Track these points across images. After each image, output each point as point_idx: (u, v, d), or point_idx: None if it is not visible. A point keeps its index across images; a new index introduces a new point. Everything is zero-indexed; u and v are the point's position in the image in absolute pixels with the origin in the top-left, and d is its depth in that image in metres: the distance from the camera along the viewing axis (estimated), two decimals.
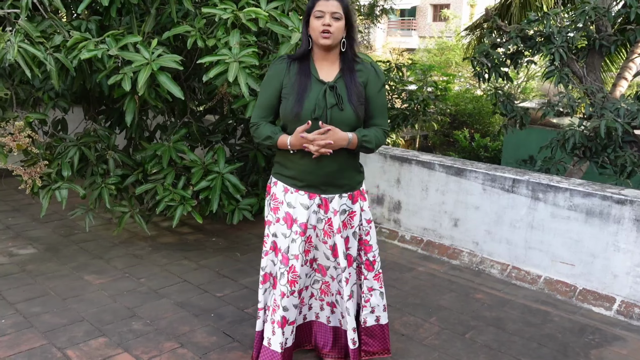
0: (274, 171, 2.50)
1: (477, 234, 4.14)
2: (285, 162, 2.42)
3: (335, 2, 2.26)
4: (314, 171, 2.35)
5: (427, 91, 7.97)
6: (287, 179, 2.42)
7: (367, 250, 2.55)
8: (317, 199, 2.40)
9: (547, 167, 5.11)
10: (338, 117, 2.29)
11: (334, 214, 2.41)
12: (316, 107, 2.28)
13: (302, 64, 2.36)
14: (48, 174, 3.59)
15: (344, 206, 2.44)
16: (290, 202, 2.40)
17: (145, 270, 3.82)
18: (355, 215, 2.47)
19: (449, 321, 3.26)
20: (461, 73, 16.39)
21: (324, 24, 2.24)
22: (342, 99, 2.30)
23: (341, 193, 2.42)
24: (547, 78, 5.33)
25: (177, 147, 3.76)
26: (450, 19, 25.45)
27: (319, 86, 2.31)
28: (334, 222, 2.41)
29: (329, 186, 2.39)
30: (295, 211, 2.40)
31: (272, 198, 2.47)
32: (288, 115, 2.32)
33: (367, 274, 2.57)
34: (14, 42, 2.93)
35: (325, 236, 2.45)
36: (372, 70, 2.41)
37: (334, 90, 2.30)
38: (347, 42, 2.34)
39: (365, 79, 2.38)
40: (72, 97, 3.99)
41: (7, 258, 3.95)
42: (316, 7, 2.26)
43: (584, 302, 3.54)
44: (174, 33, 3.36)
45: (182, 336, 2.97)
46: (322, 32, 2.25)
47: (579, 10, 5.11)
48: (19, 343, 2.83)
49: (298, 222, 2.39)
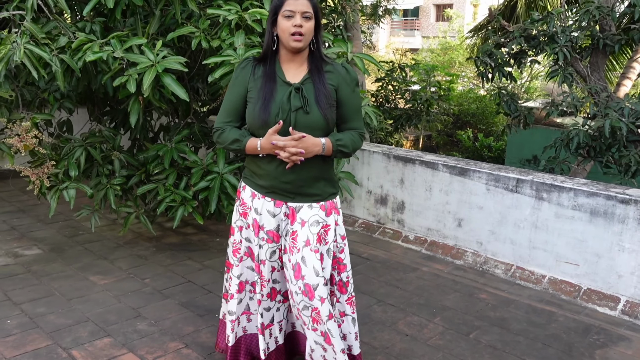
0: (243, 175, 2.38)
1: (481, 234, 4.14)
2: (253, 166, 2.29)
3: (305, 1, 2.12)
4: (281, 177, 2.21)
5: (431, 91, 7.98)
6: (255, 184, 2.29)
7: (341, 269, 2.34)
8: (284, 207, 2.26)
9: (551, 167, 5.10)
10: (304, 120, 2.14)
11: (300, 225, 2.22)
12: (280, 111, 2.13)
13: (267, 66, 2.21)
14: (55, 174, 3.61)
15: (316, 217, 2.23)
16: (257, 209, 2.28)
17: (149, 271, 3.83)
18: (329, 230, 2.25)
19: (453, 321, 3.26)
20: (464, 73, 16.37)
21: (295, 24, 2.09)
22: (307, 101, 2.14)
23: (310, 203, 2.24)
24: (551, 78, 5.31)
25: (179, 148, 3.77)
26: (453, 18, 25.43)
27: (285, 88, 2.17)
28: (300, 235, 2.21)
29: (297, 194, 2.23)
30: (261, 218, 2.27)
31: (241, 203, 2.35)
32: (255, 122, 2.19)
33: (339, 296, 2.36)
34: (20, 43, 2.94)
35: (289, 252, 2.25)
36: (342, 70, 2.26)
37: (299, 92, 2.16)
38: (315, 42, 2.20)
39: (337, 81, 2.23)
40: (77, 98, 4.00)
41: (13, 259, 3.97)
42: (285, 6, 2.10)
43: (588, 302, 3.53)
44: (178, 34, 3.37)
45: (186, 336, 2.98)
46: (292, 35, 2.11)
47: (583, 9, 5.10)
48: (24, 343, 2.84)
49: (265, 229, 2.27)
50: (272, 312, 2.41)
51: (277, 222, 2.28)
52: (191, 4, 3.36)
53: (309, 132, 2.15)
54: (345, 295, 2.37)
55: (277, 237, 2.29)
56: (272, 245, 2.29)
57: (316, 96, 2.17)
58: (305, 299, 2.20)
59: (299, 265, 2.21)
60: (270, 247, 2.30)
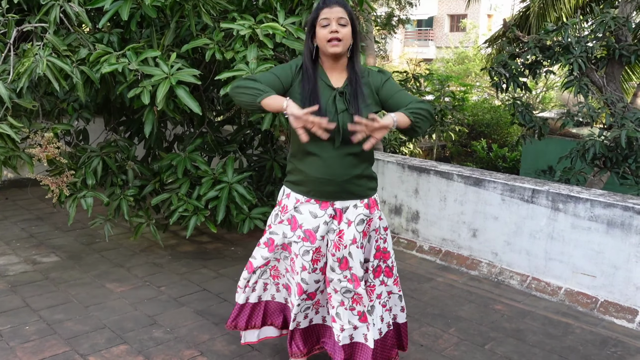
0: (286, 180, 2.47)
1: (496, 245, 4.12)
2: (296, 171, 2.39)
3: (339, 8, 2.20)
4: (327, 179, 2.31)
5: (445, 101, 7.99)
6: (299, 187, 2.38)
7: (386, 257, 2.52)
8: (330, 209, 2.36)
9: (567, 178, 5.07)
10: (349, 122, 2.20)
11: (347, 225, 2.36)
12: (327, 113, 2.22)
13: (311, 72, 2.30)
14: (73, 183, 3.66)
15: (361, 215, 2.38)
16: (298, 208, 2.39)
17: (165, 279, 3.86)
18: (372, 222, 2.43)
19: (468, 332, 3.25)
20: (479, 83, 16.34)
21: (332, 30, 2.19)
22: (351, 104, 2.25)
23: (355, 201, 2.37)
24: (566, 88, 5.30)
25: (192, 157, 3.81)
26: (469, 29, 25.43)
27: (329, 92, 2.28)
28: (347, 234, 2.35)
29: (343, 193, 2.34)
30: (302, 217, 2.37)
31: (282, 210, 2.45)
32: None
33: (386, 280, 2.55)
34: (43, 56, 3.01)
35: (334, 248, 2.38)
36: (376, 74, 2.38)
37: (343, 95, 2.27)
38: (353, 49, 2.29)
39: (376, 83, 2.34)
40: (95, 108, 4.07)
41: (31, 266, 4.02)
42: (321, 16, 2.21)
43: (605, 314, 3.50)
44: (192, 46, 3.41)
45: (202, 344, 2.99)
46: (330, 41, 2.20)
47: (598, 20, 5.09)
48: (42, 349, 2.87)
49: (302, 227, 2.37)
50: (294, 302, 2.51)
51: (317, 223, 2.36)
52: (205, 17, 3.41)
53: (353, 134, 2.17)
54: (392, 279, 2.57)
55: (313, 238, 2.37)
56: (307, 245, 2.38)
57: (359, 100, 2.27)
58: (350, 286, 2.38)
59: (345, 259, 2.37)
60: (304, 246, 2.38)
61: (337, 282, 2.40)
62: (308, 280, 2.43)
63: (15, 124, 3.08)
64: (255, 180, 4.43)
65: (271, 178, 4.46)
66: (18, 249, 4.36)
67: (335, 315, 2.46)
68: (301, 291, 2.45)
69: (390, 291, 2.58)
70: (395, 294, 2.61)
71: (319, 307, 2.62)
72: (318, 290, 2.53)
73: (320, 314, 2.63)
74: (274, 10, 3.62)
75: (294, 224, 2.40)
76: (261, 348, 2.97)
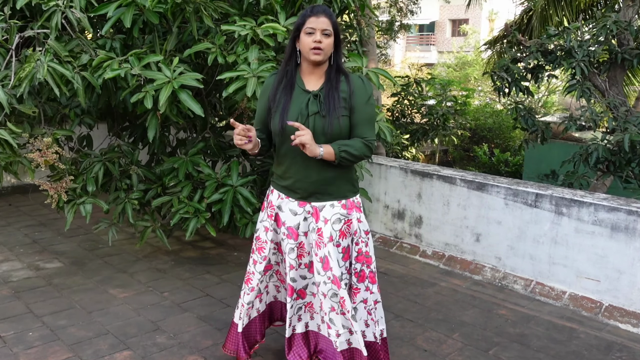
0: (271, 180, 2.60)
1: (499, 249, 4.11)
2: (278, 171, 2.51)
3: (325, 19, 2.31)
4: (303, 179, 2.40)
5: (447, 105, 7.98)
6: (281, 187, 2.50)
7: (369, 262, 2.53)
8: (308, 206, 2.45)
9: (570, 182, 5.06)
10: (320, 125, 2.32)
11: (324, 223, 2.41)
12: (299, 115, 2.33)
13: (289, 77, 2.41)
14: (73, 188, 3.66)
15: (338, 215, 2.42)
16: (280, 206, 2.51)
17: (168, 284, 3.86)
18: (351, 223, 2.45)
19: (472, 337, 3.23)
20: (481, 87, 16.34)
21: (315, 40, 2.29)
22: (323, 106, 2.33)
23: (332, 201, 2.42)
24: (569, 92, 5.29)
25: (194, 161, 3.82)
26: (469, 34, 25.46)
27: (304, 96, 2.37)
28: (324, 231, 2.41)
29: (318, 194, 2.42)
30: (283, 215, 2.49)
31: (269, 205, 2.56)
32: (275, 129, 2.38)
33: (372, 287, 2.55)
34: (44, 61, 3.01)
35: (316, 247, 2.44)
36: (358, 81, 2.41)
37: (317, 98, 2.35)
38: (334, 56, 2.39)
39: (350, 89, 2.38)
40: (97, 114, 4.07)
41: (34, 272, 4.02)
42: (307, 24, 2.31)
43: (610, 319, 3.48)
44: (195, 50, 3.42)
45: (205, 350, 2.98)
46: (313, 49, 2.30)
47: (600, 24, 5.09)
48: (45, 355, 2.87)
49: (285, 225, 2.48)
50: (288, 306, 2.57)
51: (297, 220, 2.46)
52: (207, 20, 3.41)
53: (326, 137, 2.33)
54: (375, 285, 2.57)
55: (295, 234, 2.48)
56: (291, 242, 2.48)
57: (332, 103, 2.33)
58: (334, 287, 2.42)
59: (326, 258, 2.41)
60: (289, 243, 2.49)
61: (323, 285, 2.44)
62: (296, 277, 2.52)
63: (15, 130, 3.08)
64: (258, 185, 4.43)
65: None
66: (21, 255, 4.36)
67: (329, 322, 2.50)
68: (292, 291, 2.53)
69: (376, 300, 2.58)
70: (379, 302, 2.62)
71: (313, 313, 2.64)
72: (307, 289, 2.58)
73: (315, 321, 2.65)
74: (275, 13, 3.63)
75: (278, 222, 2.53)
76: (264, 354, 2.96)
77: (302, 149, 2.25)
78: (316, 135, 2.31)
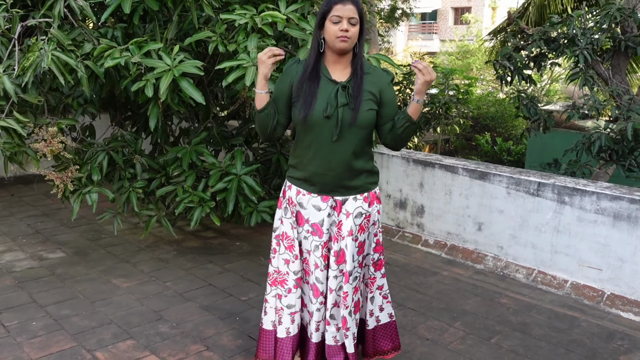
0: (287, 174, 2.49)
1: (501, 238, 4.11)
2: (297, 165, 2.40)
3: (351, 7, 2.21)
4: (326, 173, 2.32)
5: (449, 94, 7.94)
6: (298, 181, 2.41)
7: (377, 250, 2.54)
8: (331, 200, 2.37)
9: (573, 171, 5.04)
10: (349, 116, 2.26)
11: (345, 216, 2.36)
12: (328, 106, 2.25)
13: (313, 67, 2.32)
14: (79, 178, 3.67)
15: (360, 209, 2.38)
16: (302, 203, 2.39)
17: (171, 274, 3.87)
18: (370, 217, 2.43)
19: (474, 326, 3.24)
20: (483, 76, 16.27)
21: (342, 29, 2.20)
22: (353, 98, 2.27)
23: (355, 195, 2.38)
24: (572, 80, 5.26)
25: (198, 150, 3.81)
26: (472, 22, 25.31)
27: (331, 86, 2.29)
28: (345, 225, 2.36)
29: (342, 188, 2.35)
30: (307, 212, 2.38)
31: (289, 202, 2.44)
32: (297, 117, 2.30)
33: (376, 275, 2.57)
34: (48, 50, 3.00)
35: (334, 241, 2.39)
36: (383, 73, 2.40)
37: (346, 90, 2.28)
38: (358, 45, 2.31)
39: (380, 84, 2.35)
40: (100, 104, 4.07)
41: (38, 262, 4.04)
42: (333, 12, 2.20)
43: (612, 307, 3.49)
44: (195, 39, 3.40)
45: (208, 339, 3.00)
46: (339, 37, 2.21)
47: (604, 11, 5.05)
48: (49, 345, 2.89)
49: (310, 222, 2.38)
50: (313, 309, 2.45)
51: (322, 216, 2.37)
52: (207, 8, 3.39)
53: (354, 129, 2.28)
54: (381, 272, 2.58)
55: (320, 232, 2.37)
56: (316, 239, 2.38)
57: (360, 95, 2.28)
58: (342, 281, 2.39)
59: (342, 251, 2.37)
60: (314, 240, 2.38)
61: (333, 280, 2.39)
62: (322, 279, 2.41)
63: (22, 119, 3.08)
64: (262, 174, 4.43)
65: (278, 171, 4.45)
66: (24, 245, 4.37)
67: (329, 317, 2.44)
68: (317, 292, 2.41)
69: (381, 285, 2.61)
70: (385, 288, 2.64)
71: None
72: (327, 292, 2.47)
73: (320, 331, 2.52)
74: (276, 1, 3.61)
75: (300, 219, 2.41)
76: None
77: (422, 77, 2.22)
78: (344, 127, 2.26)
